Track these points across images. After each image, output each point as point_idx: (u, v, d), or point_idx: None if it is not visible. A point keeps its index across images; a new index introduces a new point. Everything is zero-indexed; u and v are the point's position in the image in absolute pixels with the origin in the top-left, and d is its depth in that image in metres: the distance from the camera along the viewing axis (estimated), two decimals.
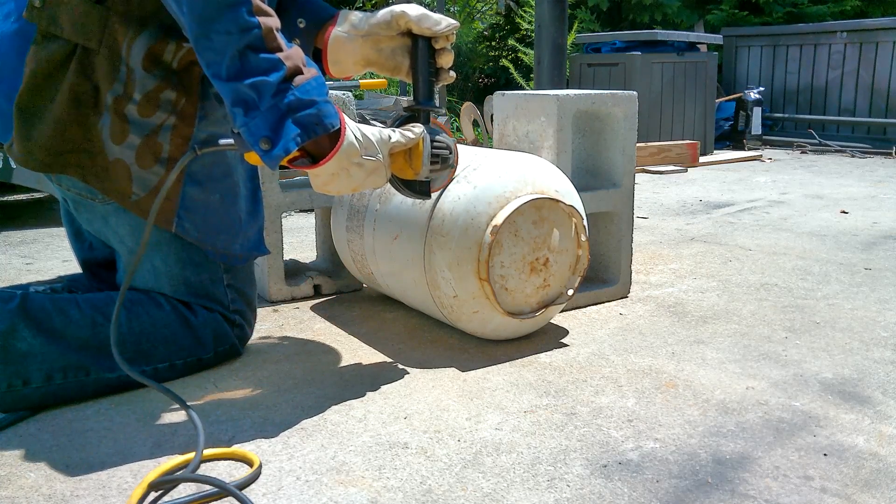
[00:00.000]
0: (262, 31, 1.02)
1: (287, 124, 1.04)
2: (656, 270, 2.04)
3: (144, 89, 1.18)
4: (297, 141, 1.04)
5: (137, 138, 1.20)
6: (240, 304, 1.37)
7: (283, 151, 1.04)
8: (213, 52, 1.02)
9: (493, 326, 1.42)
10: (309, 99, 1.05)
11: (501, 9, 7.29)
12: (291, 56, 1.05)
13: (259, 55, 1.02)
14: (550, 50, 3.45)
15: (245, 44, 1.01)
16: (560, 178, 1.46)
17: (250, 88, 1.02)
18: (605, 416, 1.14)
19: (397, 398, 1.21)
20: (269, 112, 1.03)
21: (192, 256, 1.30)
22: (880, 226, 2.64)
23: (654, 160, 4.39)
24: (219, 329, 1.34)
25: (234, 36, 1.01)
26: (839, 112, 5.71)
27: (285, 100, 1.03)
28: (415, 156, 1.20)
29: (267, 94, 1.02)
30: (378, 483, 0.95)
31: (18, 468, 1.00)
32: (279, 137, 1.03)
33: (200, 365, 1.33)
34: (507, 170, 1.38)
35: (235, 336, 1.37)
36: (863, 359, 1.38)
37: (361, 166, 1.12)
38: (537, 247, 1.40)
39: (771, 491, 0.93)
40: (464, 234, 1.33)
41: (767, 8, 6.63)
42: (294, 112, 1.04)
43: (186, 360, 1.30)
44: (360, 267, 1.62)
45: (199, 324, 1.31)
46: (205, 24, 1.01)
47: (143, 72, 1.18)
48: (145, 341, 1.25)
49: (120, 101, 1.18)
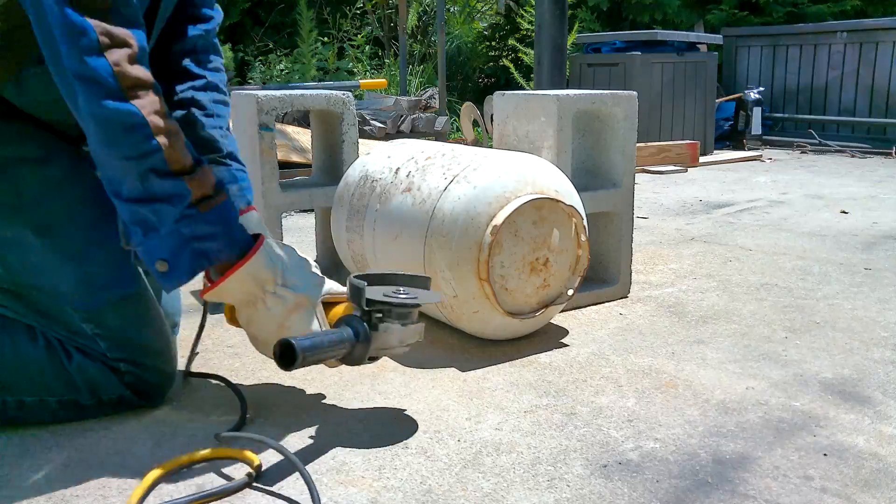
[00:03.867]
0: (164, 153, 0.96)
1: (187, 251, 0.99)
2: (656, 270, 2.04)
3: None
4: (195, 269, 1.00)
5: None
6: (120, 352, 1.13)
7: (180, 280, 0.99)
8: (114, 171, 0.97)
9: (494, 326, 1.42)
10: (213, 228, 1.00)
11: (501, 9, 7.29)
12: (199, 179, 0.99)
13: (162, 180, 0.96)
14: (550, 50, 3.45)
15: (147, 167, 0.96)
16: (560, 178, 1.46)
17: (151, 213, 0.97)
18: (605, 416, 1.14)
19: (397, 398, 1.21)
20: (168, 237, 0.98)
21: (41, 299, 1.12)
22: (880, 226, 2.64)
23: (654, 160, 4.38)
24: (97, 377, 1.13)
25: (133, 161, 0.95)
26: (839, 112, 5.70)
27: (188, 227, 0.98)
28: None
29: (168, 220, 0.97)
30: (378, 483, 0.95)
31: (18, 468, 1.00)
32: (178, 263, 0.98)
33: (82, 410, 1.13)
34: (507, 170, 1.38)
35: (128, 385, 1.14)
36: (863, 359, 1.37)
37: (280, 298, 1.04)
38: (537, 247, 1.40)
39: (771, 491, 0.93)
40: (464, 234, 1.33)
41: (767, 8, 6.63)
42: (197, 240, 0.99)
43: (61, 400, 1.12)
44: (361, 267, 1.62)
45: (73, 369, 1.12)
46: (104, 148, 0.95)
47: None
48: (4, 372, 1.09)
49: None
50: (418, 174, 1.46)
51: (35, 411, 1.11)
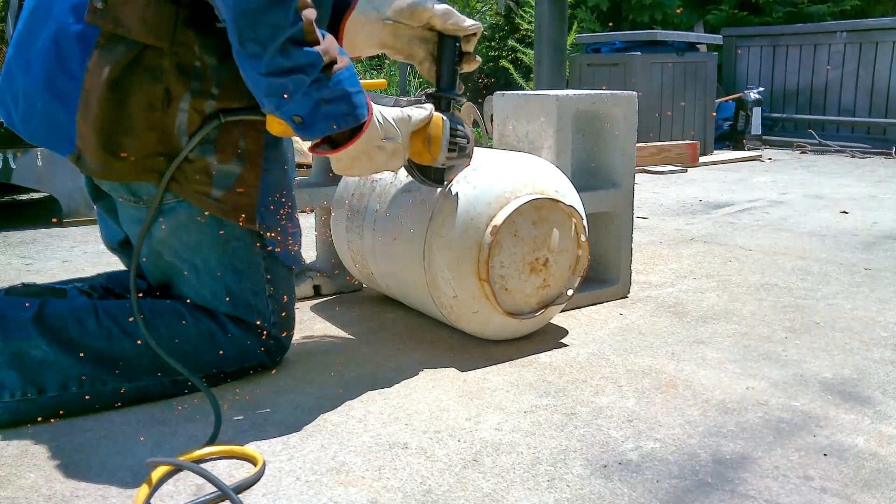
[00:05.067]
0: (303, 25, 1.03)
1: (319, 112, 1.07)
2: (656, 270, 2.04)
3: (221, 81, 1.16)
4: (327, 129, 1.07)
5: (216, 132, 1.17)
6: (277, 315, 1.31)
7: (314, 135, 1.08)
8: (257, 44, 1.02)
9: (494, 327, 1.42)
10: (341, 90, 1.07)
11: (501, 9, 7.28)
12: (328, 48, 1.06)
13: (301, 49, 1.03)
14: (550, 50, 3.46)
15: (287, 37, 1.02)
16: (560, 178, 1.46)
17: (289, 82, 1.04)
18: (605, 416, 1.14)
19: (397, 398, 1.21)
20: (303, 100, 1.06)
21: (235, 263, 1.25)
22: (880, 226, 2.64)
23: (654, 160, 4.38)
24: (247, 347, 1.27)
25: (280, 30, 1.01)
26: (839, 112, 5.71)
27: (319, 91, 1.06)
28: (433, 142, 1.22)
29: (302, 86, 1.05)
30: (378, 483, 0.95)
31: (18, 468, 1.00)
32: (312, 122, 1.07)
33: (223, 378, 1.27)
34: (507, 170, 1.38)
35: (269, 350, 1.30)
36: (863, 359, 1.37)
37: (382, 149, 1.15)
38: (537, 247, 1.40)
39: (771, 491, 0.93)
40: (463, 235, 1.33)
41: (767, 8, 6.63)
42: (327, 103, 1.07)
43: (208, 374, 1.24)
44: (361, 267, 1.62)
45: (225, 340, 1.25)
46: (252, 16, 1.01)
47: (218, 64, 1.15)
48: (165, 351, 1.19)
49: (198, 98, 1.15)
50: None
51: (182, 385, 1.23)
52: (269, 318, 1.30)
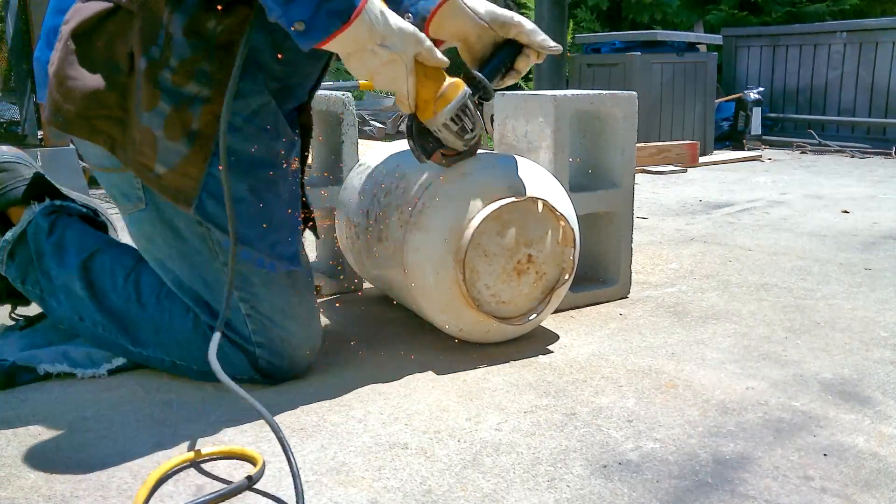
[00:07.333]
0: None
1: (322, 12, 1.06)
2: (656, 270, 2.04)
3: (181, 57, 1.14)
4: (331, 29, 1.07)
5: (167, 106, 1.16)
6: (264, 337, 1.24)
7: (317, 38, 1.07)
8: None
9: (511, 331, 1.45)
10: None
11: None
12: None
13: None
14: None
15: None
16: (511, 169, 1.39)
17: None
18: (605, 416, 1.14)
19: (397, 398, 1.21)
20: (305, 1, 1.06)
21: (204, 276, 1.24)
22: (880, 226, 2.64)
23: (654, 160, 4.38)
24: (234, 359, 1.25)
25: None
26: (839, 112, 5.71)
27: None
28: (442, 100, 1.21)
29: None
30: (378, 483, 0.95)
31: (18, 468, 1.00)
32: (315, 24, 1.06)
33: None
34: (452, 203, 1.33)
35: (263, 372, 1.26)
36: (863, 359, 1.38)
37: (376, 55, 1.12)
38: (513, 252, 1.37)
39: (771, 491, 0.93)
40: (438, 281, 1.33)
41: (767, 8, 6.64)
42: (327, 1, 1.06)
43: (203, 370, 1.24)
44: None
45: None
46: None
47: (182, 39, 1.14)
48: (164, 333, 1.28)
49: (154, 66, 1.14)
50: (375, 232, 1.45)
51: (184, 371, 1.29)
52: (251, 338, 1.24)
